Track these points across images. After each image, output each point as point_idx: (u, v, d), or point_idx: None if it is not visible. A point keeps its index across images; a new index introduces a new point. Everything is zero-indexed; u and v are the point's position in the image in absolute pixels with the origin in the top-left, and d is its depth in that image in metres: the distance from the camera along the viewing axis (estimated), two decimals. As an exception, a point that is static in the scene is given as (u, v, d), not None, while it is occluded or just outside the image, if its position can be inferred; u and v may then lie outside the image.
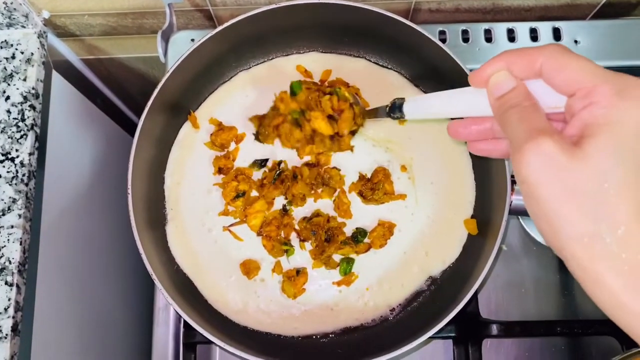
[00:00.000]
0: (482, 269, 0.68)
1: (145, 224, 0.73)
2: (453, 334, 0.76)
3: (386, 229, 0.76)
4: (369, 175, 0.79)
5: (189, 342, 0.77)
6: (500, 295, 0.83)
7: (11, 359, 0.72)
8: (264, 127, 0.75)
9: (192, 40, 0.90)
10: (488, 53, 0.90)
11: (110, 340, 1.04)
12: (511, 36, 0.91)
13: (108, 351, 1.02)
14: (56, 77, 0.91)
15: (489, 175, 0.76)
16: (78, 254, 0.95)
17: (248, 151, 0.80)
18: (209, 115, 0.82)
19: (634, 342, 0.72)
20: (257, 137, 0.77)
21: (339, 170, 0.79)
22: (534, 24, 0.92)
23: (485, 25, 0.92)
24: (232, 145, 0.80)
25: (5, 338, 0.72)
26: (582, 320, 0.79)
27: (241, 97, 0.82)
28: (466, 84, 0.74)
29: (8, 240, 0.76)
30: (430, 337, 0.66)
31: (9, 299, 0.74)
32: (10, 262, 0.75)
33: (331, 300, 0.76)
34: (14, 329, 0.73)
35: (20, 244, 0.76)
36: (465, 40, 0.91)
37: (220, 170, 0.79)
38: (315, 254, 0.76)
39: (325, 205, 0.78)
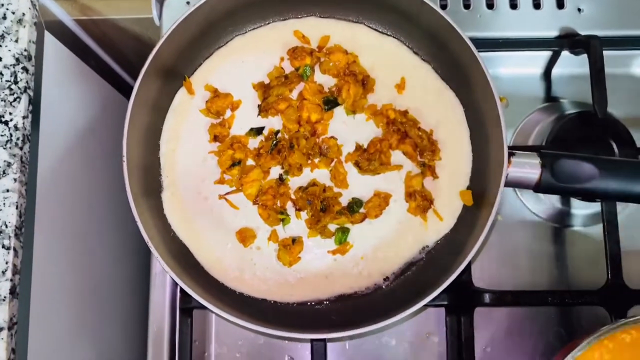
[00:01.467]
0: (476, 240, 0.68)
1: (141, 191, 0.73)
2: (445, 302, 0.77)
3: (382, 199, 0.76)
4: (365, 146, 0.78)
5: (186, 307, 0.78)
6: (493, 265, 0.83)
7: (10, 321, 0.73)
8: (269, 104, 0.75)
9: (188, 3, 0.88)
10: (489, 20, 0.89)
11: (108, 302, 1.05)
12: (513, 3, 0.89)
13: (105, 313, 1.03)
14: (49, 38, 0.89)
15: (486, 146, 0.75)
16: (75, 217, 0.95)
17: (244, 119, 0.80)
18: (204, 82, 0.80)
19: (622, 312, 0.74)
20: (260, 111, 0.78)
21: (336, 139, 0.78)
22: (537, -10, 0.90)
23: (488, -9, 0.90)
24: (228, 113, 0.80)
25: (4, 300, 0.72)
26: (572, 291, 0.80)
27: (237, 62, 0.81)
28: (463, 49, 0.73)
29: (4, 204, 0.75)
30: (423, 305, 0.67)
31: (7, 262, 0.74)
32: (6, 226, 0.75)
33: (326, 268, 0.76)
34: (12, 291, 0.73)
35: (16, 208, 0.75)
36: (467, 6, 0.89)
37: (215, 138, 0.78)
38: (310, 223, 0.76)
39: (321, 175, 0.78)
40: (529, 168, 0.70)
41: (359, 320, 0.68)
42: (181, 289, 0.78)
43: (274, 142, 0.77)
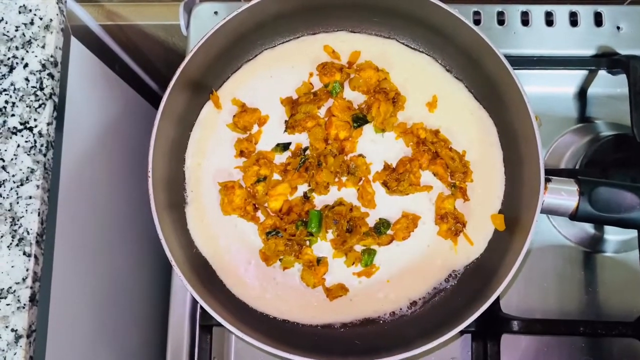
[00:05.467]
0: (509, 268, 0.66)
1: (164, 205, 0.72)
2: (472, 329, 0.75)
3: (410, 221, 0.75)
4: (394, 165, 0.77)
5: (206, 324, 0.77)
6: (521, 288, 0.81)
7: (29, 329, 0.72)
8: (296, 121, 0.75)
9: (216, 13, 0.87)
10: (524, 37, 0.87)
11: (127, 311, 1.04)
12: (549, 19, 0.87)
13: (124, 322, 1.03)
14: (75, 43, 0.89)
15: (520, 168, 0.73)
16: (96, 225, 0.94)
17: (271, 134, 0.79)
18: (231, 95, 0.79)
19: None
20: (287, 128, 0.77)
21: (365, 158, 0.77)
22: (574, 7, 0.87)
23: (523, 7, 0.88)
24: (255, 128, 0.78)
25: (24, 308, 0.72)
26: (605, 322, 0.77)
27: (265, 77, 0.80)
28: (498, 67, 0.71)
29: (26, 210, 0.75)
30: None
31: (27, 270, 0.73)
32: (28, 233, 0.74)
33: (351, 290, 0.75)
34: (32, 299, 0.73)
35: (38, 215, 0.75)
36: (501, 22, 0.87)
37: (242, 153, 0.77)
38: (336, 243, 0.74)
39: (348, 194, 0.76)
40: (565, 195, 0.67)
41: (383, 347, 0.66)
42: (201, 306, 0.77)
43: (302, 159, 0.76)
